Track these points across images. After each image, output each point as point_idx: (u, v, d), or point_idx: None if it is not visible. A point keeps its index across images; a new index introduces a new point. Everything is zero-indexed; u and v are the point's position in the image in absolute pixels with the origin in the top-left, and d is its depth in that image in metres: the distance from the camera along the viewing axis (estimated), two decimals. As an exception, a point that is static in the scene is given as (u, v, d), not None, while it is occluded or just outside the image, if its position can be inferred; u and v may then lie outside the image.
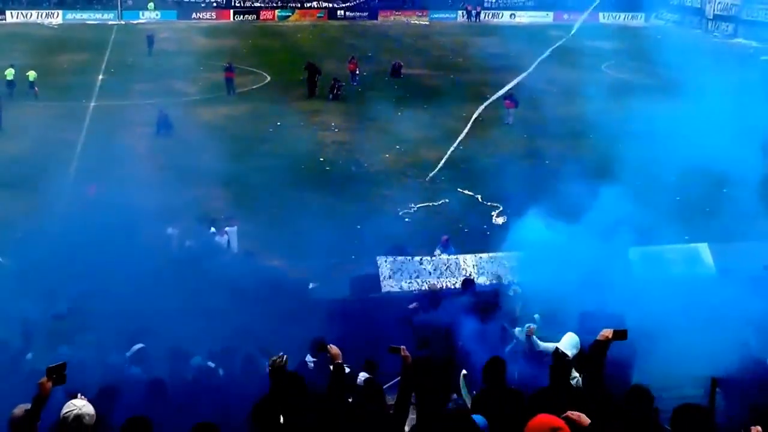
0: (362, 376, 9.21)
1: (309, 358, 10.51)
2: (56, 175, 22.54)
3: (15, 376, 9.35)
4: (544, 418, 5.62)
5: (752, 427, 6.29)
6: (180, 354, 10.11)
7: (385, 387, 9.35)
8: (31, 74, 35.91)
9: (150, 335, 10.80)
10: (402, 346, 7.30)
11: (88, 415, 6.03)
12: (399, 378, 7.60)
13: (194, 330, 10.97)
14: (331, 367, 7.25)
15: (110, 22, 62.42)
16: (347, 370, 9.37)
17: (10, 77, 35.34)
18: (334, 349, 7.29)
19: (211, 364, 9.92)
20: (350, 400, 7.70)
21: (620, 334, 6.99)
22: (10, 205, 19.97)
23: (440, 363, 9.84)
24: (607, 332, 6.98)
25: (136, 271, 14.12)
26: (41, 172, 22.20)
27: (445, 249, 16.85)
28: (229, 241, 17.45)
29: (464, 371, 9.54)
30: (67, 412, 6.04)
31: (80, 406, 6.08)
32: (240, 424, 7.41)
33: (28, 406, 6.13)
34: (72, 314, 11.95)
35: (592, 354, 7.06)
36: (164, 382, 8.92)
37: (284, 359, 7.06)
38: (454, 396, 7.77)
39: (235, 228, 17.78)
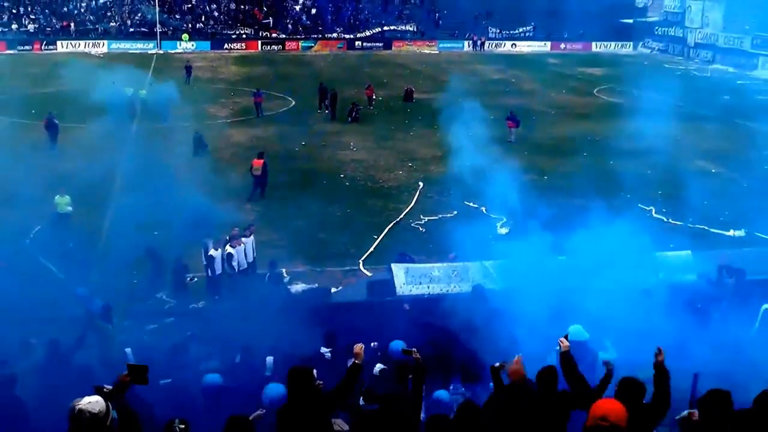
0: (378, 366, 9.34)
1: (323, 349, 10.65)
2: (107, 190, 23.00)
3: (68, 371, 9.47)
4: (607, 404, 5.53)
5: (689, 411, 6.40)
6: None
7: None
8: (142, 93, 37.30)
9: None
10: (413, 349, 7.53)
11: (90, 412, 5.37)
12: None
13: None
14: (351, 364, 7.25)
15: (150, 52, 62.93)
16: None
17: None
18: (358, 349, 7.31)
19: None
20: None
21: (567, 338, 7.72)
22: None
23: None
24: (564, 341, 7.52)
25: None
26: (93, 187, 22.41)
27: None
28: (245, 251, 16.98)
29: None
30: (73, 405, 5.47)
31: (86, 402, 5.44)
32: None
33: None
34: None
35: (564, 362, 7.36)
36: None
37: None
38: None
39: (251, 237, 17.39)
